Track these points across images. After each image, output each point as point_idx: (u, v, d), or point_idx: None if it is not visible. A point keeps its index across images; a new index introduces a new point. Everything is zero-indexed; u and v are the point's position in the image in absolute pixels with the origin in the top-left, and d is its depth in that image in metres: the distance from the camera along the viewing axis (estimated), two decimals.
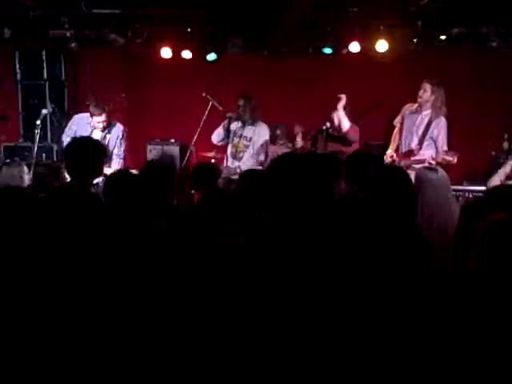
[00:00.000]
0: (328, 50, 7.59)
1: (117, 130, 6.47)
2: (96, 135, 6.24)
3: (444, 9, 6.87)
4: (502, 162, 6.20)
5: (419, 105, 6.13)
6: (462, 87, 7.83)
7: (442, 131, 6.11)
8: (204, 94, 6.82)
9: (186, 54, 7.57)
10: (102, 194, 3.67)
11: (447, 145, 6.09)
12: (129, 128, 6.77)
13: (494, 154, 6.97)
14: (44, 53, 7.81)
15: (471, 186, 6.04)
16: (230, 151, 6.53)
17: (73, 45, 7.40)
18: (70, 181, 3.90)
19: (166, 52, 7.48)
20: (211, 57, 7.54)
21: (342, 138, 6.30)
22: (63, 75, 7.99)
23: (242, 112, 6.43)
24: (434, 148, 6.12)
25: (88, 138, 4.33)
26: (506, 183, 4.43)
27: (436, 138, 6.11)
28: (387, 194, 3.24)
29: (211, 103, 6.80)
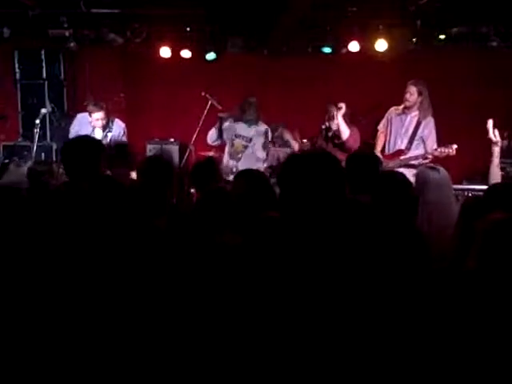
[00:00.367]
0: (327, 50, 7.59)
1: (117, 128, 6.45)
2: (97, 134, 6.23)
3: (443, 8, 6.86)
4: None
5: (405, 107, 6.20)
6: (462, 87, 7.84)
7: (432, 131, 6.21)
8: (203, 94, 6.82)
9: (186, 54, 7.57)
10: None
11: (436, 144, 6.16)
12: (128, 127, 6.75)
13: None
14: (43, 52, 7.82)
15: (471, 185, 6.03)
16: (229, 151, 6.50)
17: (72, 44, 7.38)
18: (68, 180, 3.89)
19: (165, 51, 7.47)
20: (210, 56, 7.54)
21: (341, 146, 6.29)
22: (62, 75, 8.01)
23: (251, 112, 6.37)
24: (423, 148, 6.18)
25: (85, 137, 4.32)
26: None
27: (426, 138, 6.21)
28: (389, 198, 3.24)
29: (210, 102, 6.81)
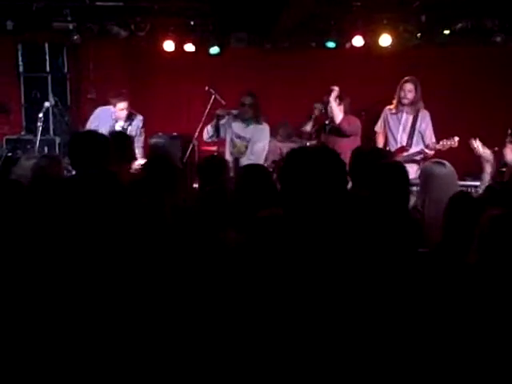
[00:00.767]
0: (331, 44, 7.55)
1: (137, 122, 6.49)
2: (118, 127, 6.31)
3: (448, 3, 6.85)
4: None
5: (403, 104, 6.25)
6: (466, 82, 7.82)
7: (429, 124, 6.31)
8: (207, 88, 6.79)
9: (189, 48, 7.55)
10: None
11: (434, 137, 6.23)
12: None
13: (496, 148, 6.94)
14: (47, 45, 7.80)
15: (474, 181, 6.01)
16: (230, 151, 6.37)
17: (75, 37, 7.37)
18: (74, 174, 3.92)
19: (169, 45, 7.45)
20: (214, 50, 7.51)
21: (337, 130, 6.30)
22: (66, 68, 7.99)
23: (247, 110, 6.25)
24: (422, 142, 6.24)
25: (93, 132, 4.33)
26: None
27: (424, 132, 6.29)
28: (384, 188, 3.25)
29: (214, 97, 6.78)
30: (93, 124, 6.47)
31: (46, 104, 6.87)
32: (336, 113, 6.22)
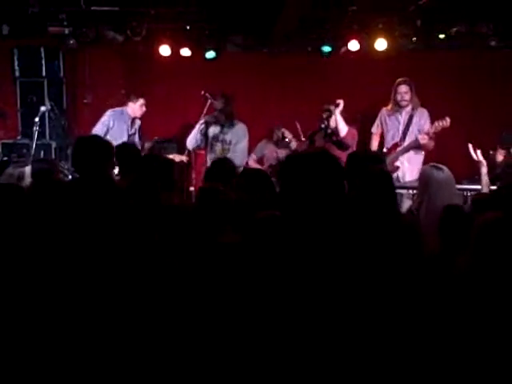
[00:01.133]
0: (327, 49, 7.58)
1: (138, 123, 6.89)
2: (133, 127, 6.79)
3: (443, 7, 6.88)
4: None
5: (401, 106, 6.32)
6: (461, 86, 7.85)
7: (427, 121, 6.41)
8: (203, 93, 6.80)
9: (185, 52, 7.56)
10: None
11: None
12: None
13: (492, 152, 6.96)
14: (42, 50, 7.79)
15: (471, 185, 6.03)
16: (210, 157, 6.27)
17: (71, 42, 7.37)
18: (74, 178, 3.92)
19: (165, 50, 7.46)
20: (210, 55, 7.52)
21: (338, 143, 6.30)
22: (62, 72, 7.97)
23: (221, 114, 6.25)
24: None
25: (97, 137, 4.33)
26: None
27: (422, 128, 6.37)
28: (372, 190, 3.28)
29: (210, 101, 6.78)
30: (110, 124, 6.61)
31: (42, 108, 6.87)
32: (341, 126, 6.24)
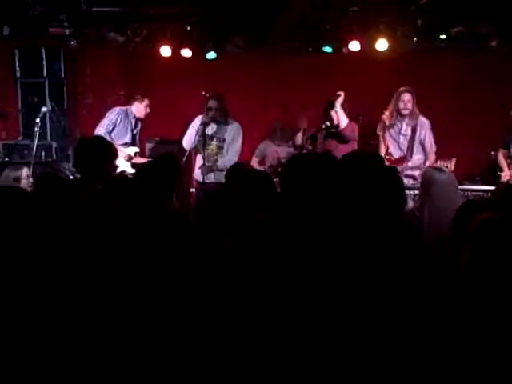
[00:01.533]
0: (328, 49, 7.59)
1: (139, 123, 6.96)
2: (136, 126, 6.87)
3: (444, 8, 6.87)
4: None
5: (402, 115, 6.28)
6: (462, 86, 7.84)
7: (428, 132, 6.33)
8: (204, 93, 6.79)
9: (186, 53, 7.56)
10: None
11: (435, 146, 6.28)
12: None
13: (493, 153, 6.97)
14: (43, 50, 7.80)
15: (471, 185, 6.05)
16: (202, 155, 6.30)
17: (72, 43, 7.38)
18: (77, 179, 3.92)
19: (166, 50, 7.47)
20: (211, 55, 7.54)
21: (338, 135, 6.30)
22: (63, 73, 7.99)
23: (216, 114, 6.26)
24: (423, 152, 6.25)
25: (99, 138, 4.34)
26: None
27: (423, 140, 6.32)
28: (379, 193, 3.27)
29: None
30: (112, 124, 6.62)
31: (43, 109, 6.87)
32: (342, 118, 6.23)
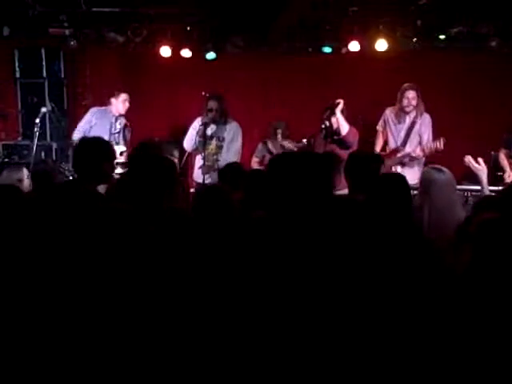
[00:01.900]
0: (328, 49, 7.59)
1: (123, 122, 6.84)
2: (118, 125, 6.72)
3: (443, 8, 6.88)
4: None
5: (406, 112, 6.32)
6: (462, 86, 7.84)
7: (428, 126, 6.41)
8: (204, 93, 6.79)
9: (186, 53, 7.56)
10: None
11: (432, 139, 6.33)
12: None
13: (493, 153, 6.96)
14: (43, 51, 7.81)
15: (471, 185, 6.03)
16: (201, 155, 6.37)
17: (72, 43, 7.39)
18: (72, 179, 3.91)
19: (166, 51, 7.47)
20: (211, 55, 7.53)
21: (339, 141, 6.29)
22: (62, 73, 7.99)
23: (217, 115, 6.34)
24: (418, 143, 6.34)
25: (99, 138, 4.33)
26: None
27: (422, 134, 6.39)
28: (384, 196, 3.27)
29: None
30: (87, 123, 6.62)
31: (43, 109, 6.87)
32: (342, 124, 6.22)
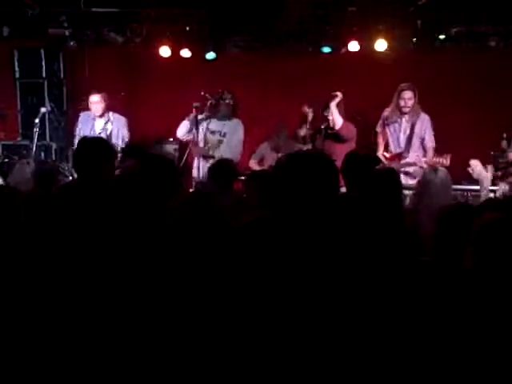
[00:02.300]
0: (327, 49, 7.59)
1: (118, 120, 6.67)
2: (98, 127, 6.51)
3: (443, 8, 6.89)
4: (500, 162, 6.32)
5: (403, 112, 6.27)
6: (461, 86, 7.84)
7: (428, 127, 6.33)
8: (203, 93, 6.80)
9: (185, 53, 7.57)
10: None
11: (434, 141, 6.27)
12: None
13: (492, 153, 6.97)
14: (43, 51, 7.81)
15: (470, 185, 6.03)
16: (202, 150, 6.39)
17: (71, 43, 7.40)
18: (75, 179, 3.90)
19: (165, 51, 7.47)
20: (210, 55, 7.54)
21: (335, 135, 6.30)
22: (62, 73, 8.00)
23: (228, 107, 6.35)
24: (422, 148, 6.26)
25: (99, 138, 4.33)
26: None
27: (423, 136, 6.31)
28: (375, 191, 3.29)
29: (210, 102, 6.78)
30: (77, 128, 6.68)
31: (43, 109, 6.88)
32: (337, 118, 6.22)
